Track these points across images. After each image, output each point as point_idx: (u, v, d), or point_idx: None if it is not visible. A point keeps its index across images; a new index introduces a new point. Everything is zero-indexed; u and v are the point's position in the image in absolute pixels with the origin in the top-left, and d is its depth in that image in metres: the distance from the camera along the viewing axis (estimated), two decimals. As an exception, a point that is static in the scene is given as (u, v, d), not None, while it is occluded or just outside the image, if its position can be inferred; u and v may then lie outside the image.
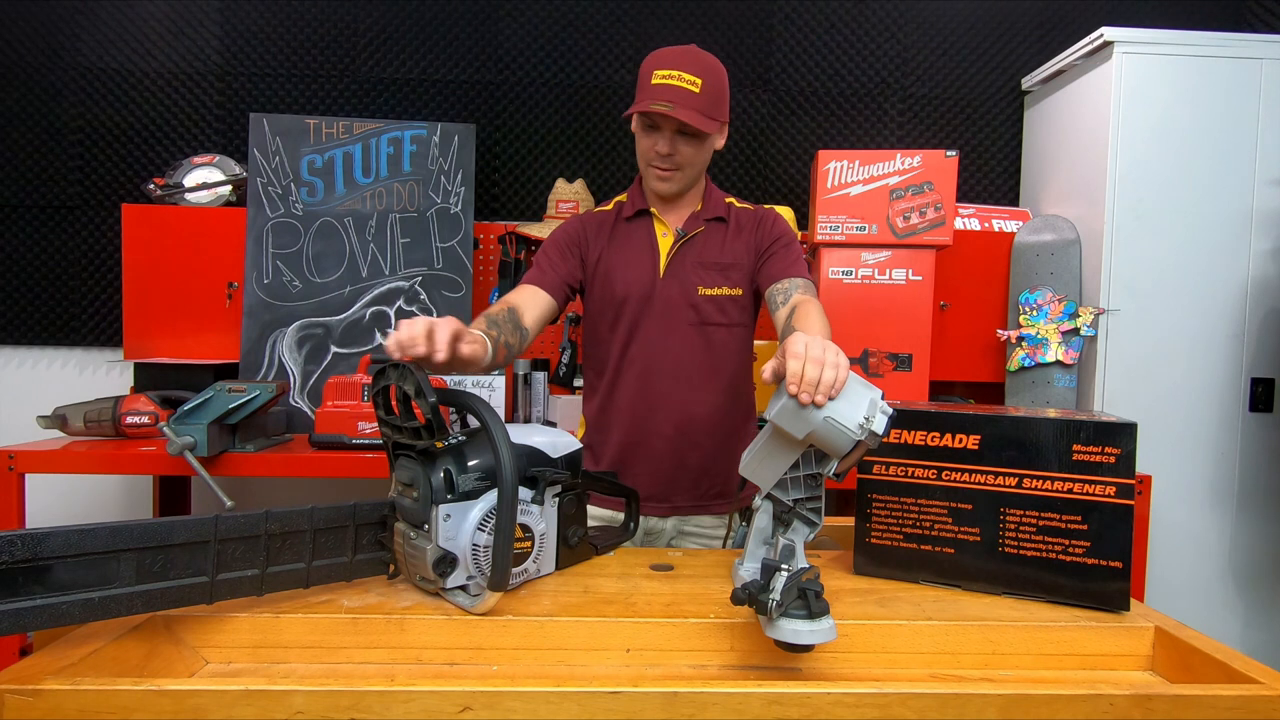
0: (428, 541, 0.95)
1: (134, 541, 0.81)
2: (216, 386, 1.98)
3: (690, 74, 1.38)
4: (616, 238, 1.52)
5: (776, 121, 2.92)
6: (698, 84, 1.38)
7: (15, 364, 2.83)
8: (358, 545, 0.99)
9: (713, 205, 1.53)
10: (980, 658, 0.93)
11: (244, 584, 0.89)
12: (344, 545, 0.98)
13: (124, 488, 2.82)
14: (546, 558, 1.09)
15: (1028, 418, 1.04)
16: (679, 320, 1.47)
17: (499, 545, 0.92)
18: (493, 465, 0.95)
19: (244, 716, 0.71)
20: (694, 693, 0.73)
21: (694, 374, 1.48)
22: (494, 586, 0.92)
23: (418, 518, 0.97)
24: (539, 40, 2.86)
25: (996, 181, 2.96)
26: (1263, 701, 0.76)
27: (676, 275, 1.48)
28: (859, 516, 1.12)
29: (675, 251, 1.49)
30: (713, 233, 1.51)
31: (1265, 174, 2.39)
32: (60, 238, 2.80)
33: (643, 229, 1.53)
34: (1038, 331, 2.49)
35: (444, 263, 2.58)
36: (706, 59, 1.41)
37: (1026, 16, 2.91)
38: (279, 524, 0.91)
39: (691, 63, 1.39)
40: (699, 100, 1.38)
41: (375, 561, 1.02)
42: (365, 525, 1.00)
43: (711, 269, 1.48)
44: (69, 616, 0.76)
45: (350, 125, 2.57)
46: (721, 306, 1.48)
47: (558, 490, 1.10)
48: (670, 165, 1.44)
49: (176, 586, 0.84)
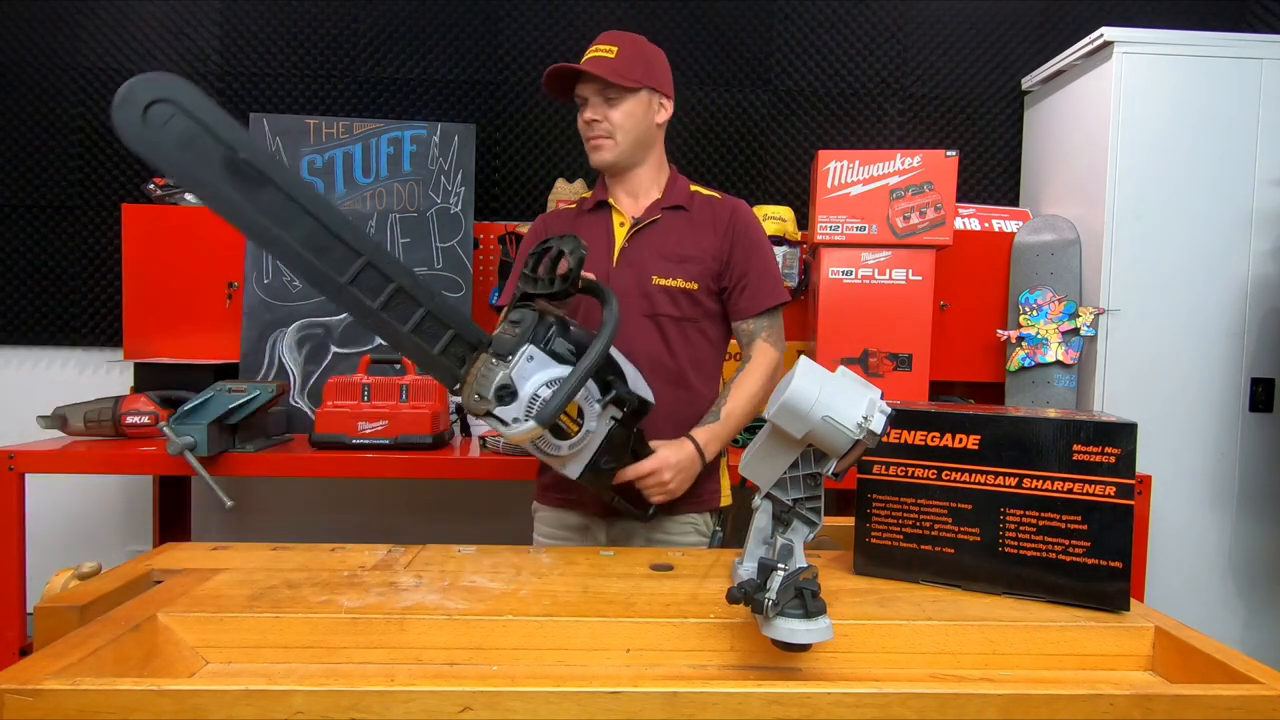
0: (504, 368, 1.03)
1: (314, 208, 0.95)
2: (216, 386, 1.98)
3: (605, 44, 1.44)
4: (577, 231, 1.49)
5: (776, 121, 2.92)
6: (613, 50, 1.43)
7: (15, 364, 2.83)
8: (447, 348, 1.06)
9: (673, 194, 1.51)
10: (980, 658, 0.93)
11: (359, 306, 0.99)
12: (438, 339, 1.05)
13: (124, 488, 2.82)
14: (579, 458, 1.15)
15: (1028, 418, 1.04)
16: (632, 310, 1.43)
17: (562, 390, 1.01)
18: (587, 346, 1.05)
19: (244, 716, 0.71)
20: (694, 693, 0.73)
21: (645, 365, 1.38)
22: (540, 417, 1.01)
23: (506, 348, 1.05)
24: (539, 40, 2.86)
25: (996, 181, 2.96)
26: (1263, 701, 0.76)
27: (631, 264, 1.46)
28: (859, 516, 1.12)
29: (629, 239, 1.47)
30: (671, 221, 1.49)
31: (1265, 174, 2.39)
32: (60, 238, 2.80)
33: (600, 220, 1.52)
34: (1038, 331, 2.49)
35: (444, 263, 2.58)
36: (627, 35, 1.47)
37: (1026, 16, 2.91)
38: (411, 282, 1.01)
39: (610, 37, 1.46)
40: (612, 63, 1.42)
41: (449, 372, 1.07)
42: (459, 340, 1.06)
43: (670, 259, 1.45)
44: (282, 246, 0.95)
45: (350, 125, 2.57)
46: (674, 299, 1.45)
47: (619, 414, 1.16)
48: (600, 133, 1.46)
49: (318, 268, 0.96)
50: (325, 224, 0.95)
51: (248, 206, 0.92)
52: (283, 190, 0.93)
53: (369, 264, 0.98)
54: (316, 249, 0.95)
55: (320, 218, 0.95)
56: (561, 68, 1.43)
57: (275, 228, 0.94)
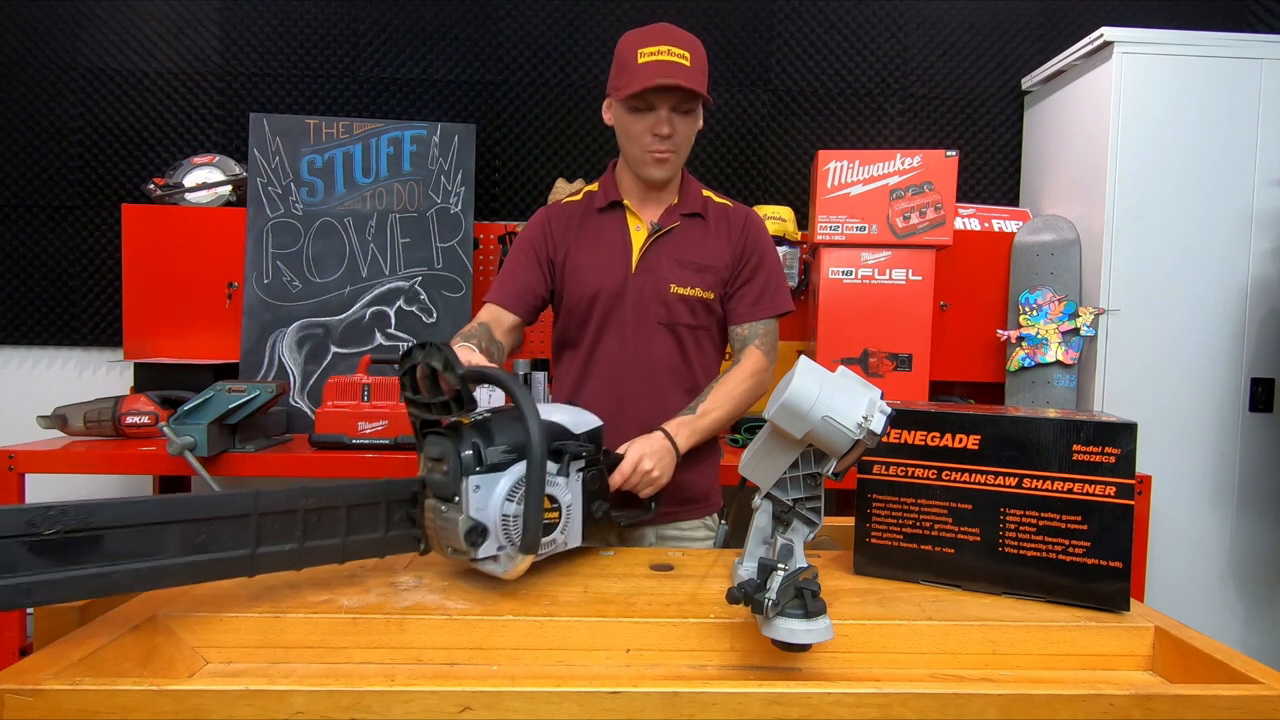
0: (459, 513, 0.96)
1: (181, 514, 0.83)
2: (216, 386, 1.98)
3: (679, 48, 1.35)
4: (586, 231, 1.48)
5: (776, 121, 2.92)
6: (687, 57, 1.35)
7: (15, 364, 2.83)
8: (390, 521, 1.01)
9: (689, 200, 1.49)
10: (980, 658, 0.92)
11: (282, 558, 0.91)
12: (377, 522, 0.99)
13: (124, 488, 2.82)
14: (573, 530, 1.10)
15: (1028, 418, 1.04)
16: (650, 318, 1.43)
17: (529, 508, 0.94)
18: (518, 439, 0.97)
19: (244, 716, 0.70)
20: (694, 693, 0.73)
21: (663, 374, 1.44)
22: (525, 549, 0.94)
23: (448, 491, 0.98)
24: (539, 40, 2.86)
25: (996, 181, 2.96)
26: (1263, 701, 0.75)
27: (650, 270, 1.44)
28: (859, 516, 1.12)
29: (649, 246, 1.45)
30: (689, 229, 1.47)
31: (1265, 174, 2.39)
32: (60, 238, 2.80)
33: (615, 222, 1.48)
34: (1038, 331, 2.49)
35: (444, 263, 2.58)
36: (686, 34, 1.39)
37: (1026, 16, 2.91)
38: (315, 499, 0.92)
39: (675, 38, 1.36)
40: (692, 73, 1.35)
41: (406, 538, 1.03)
42: (397, 502, 1.02)
43: (688, 267, 1.44)
44: (118, 586, 0.78)
45: (350, 125, 2.57)
46: (691, 308, 1.45)
47: (581, 464, 1.12)
48: (669, 147, 1.39)
49: (220, 559, 0.86)
50: (191, 518, 0.83)
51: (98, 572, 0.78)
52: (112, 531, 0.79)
53: (262, 514, 0.88)
54: (197, 546, 0.84)
55: (178, 517, 0.82)
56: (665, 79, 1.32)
57: (147, 561, 0.80)
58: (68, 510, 0.75)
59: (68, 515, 0.75)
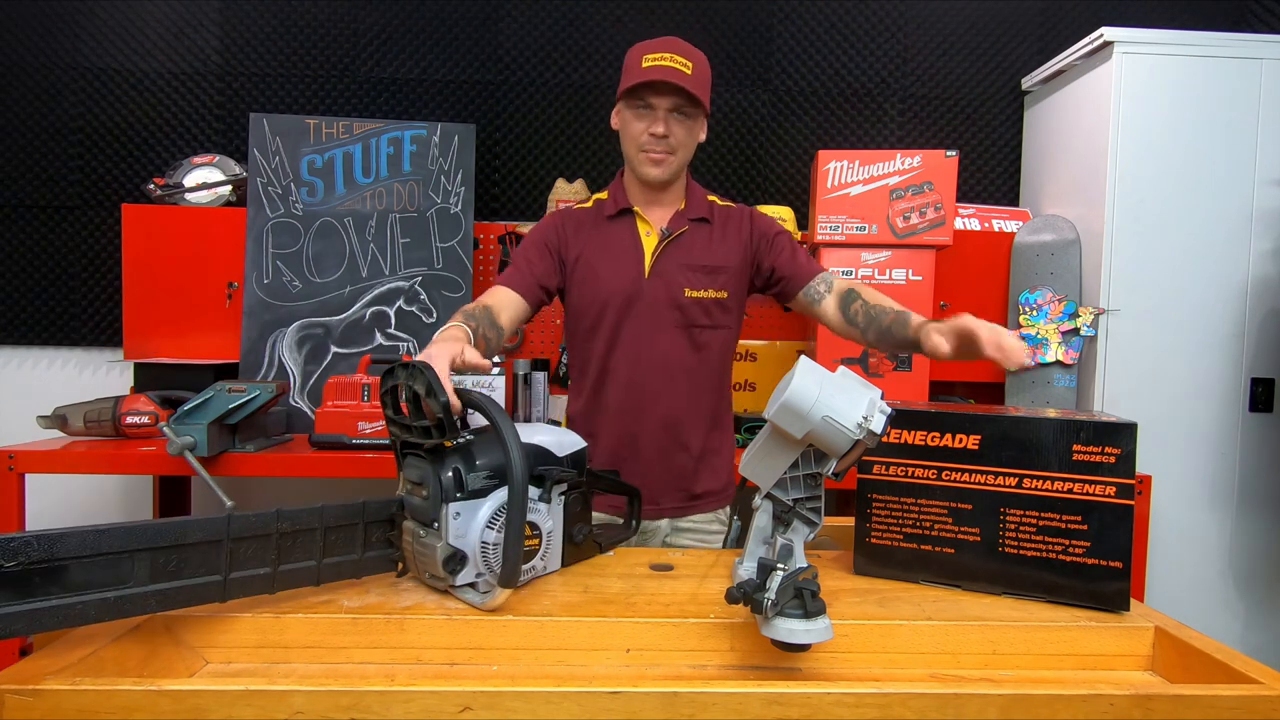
0: (438, 539, 0.95)
1: (148, 541, 0.81)
2: (216, 386, 1.98)
3: (681, 57, 1.40)
4: (598, 237, 1.50)
5: (776, 121, 2.92)
6: (689, 66, 1.40)
7: (15, 364, 2.83)
8: (367, 543, 1.00)
9: (695, 204, 1.52)
10: (980, 658, 0.93)
11: (256, 582, 0.89)
12: (354, 543, 0.98)
13: (124, 488, 2.82)
14: (553, 555, 1.09)
15: (1028, 418, 1.04)
16: (665, 322, 1.46)
17: (509, 542, 0.92)
18: (501, 464, 0.95)
19: (244, 716, 0.71)
20: (694, 693, 0.73)
21: (681, 375, 1.47)
22: (504, 583, 0.92)
23: (427, 516, 0.97)
24: (539, 40, 2.86)
25: (996, 181, 2.96)
26: (1263, 701, 0.76)
27: (662, 276, 1.47)
28: (859, 516, 1.12)
29: (660, 251, 1.47)
30: (697, 233, 1.50)
31: (1265, 174, 2.39)
32: (60, 238, 2.80)
33: (625, 228, 1.51)
34: (1038, 331, 2.49)
35: (444, 263, 2.58)
36: (692, 47, 1.44)
37: (1026, 16, 2.91)
38: (290, 523, 0.91)
39: (680, 48, 1.42)
40: (693, 80, 1.39)
41: (384, 559, 1.02)
42: (374, 523, 1.00)
43: (699, 271, 1.47)
44: (84, 616, 0.77)
45: (350, 125, 2.57)
46: (707, 309, 1.48)
47: (564, 489, 1.10)
48: (665, 148, 1.43)
49: (190, 586, 0.84)
50: (161, 545, 0.82)
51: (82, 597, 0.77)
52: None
53: (235, 539, 0.86)
54: (170, 573, 0.82)
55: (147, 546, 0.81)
56: (662, 79, 1.37)
57: (117, 591, 0.79)
58: (31, 541, 0.73)
59: (31, 546, 0.73)
